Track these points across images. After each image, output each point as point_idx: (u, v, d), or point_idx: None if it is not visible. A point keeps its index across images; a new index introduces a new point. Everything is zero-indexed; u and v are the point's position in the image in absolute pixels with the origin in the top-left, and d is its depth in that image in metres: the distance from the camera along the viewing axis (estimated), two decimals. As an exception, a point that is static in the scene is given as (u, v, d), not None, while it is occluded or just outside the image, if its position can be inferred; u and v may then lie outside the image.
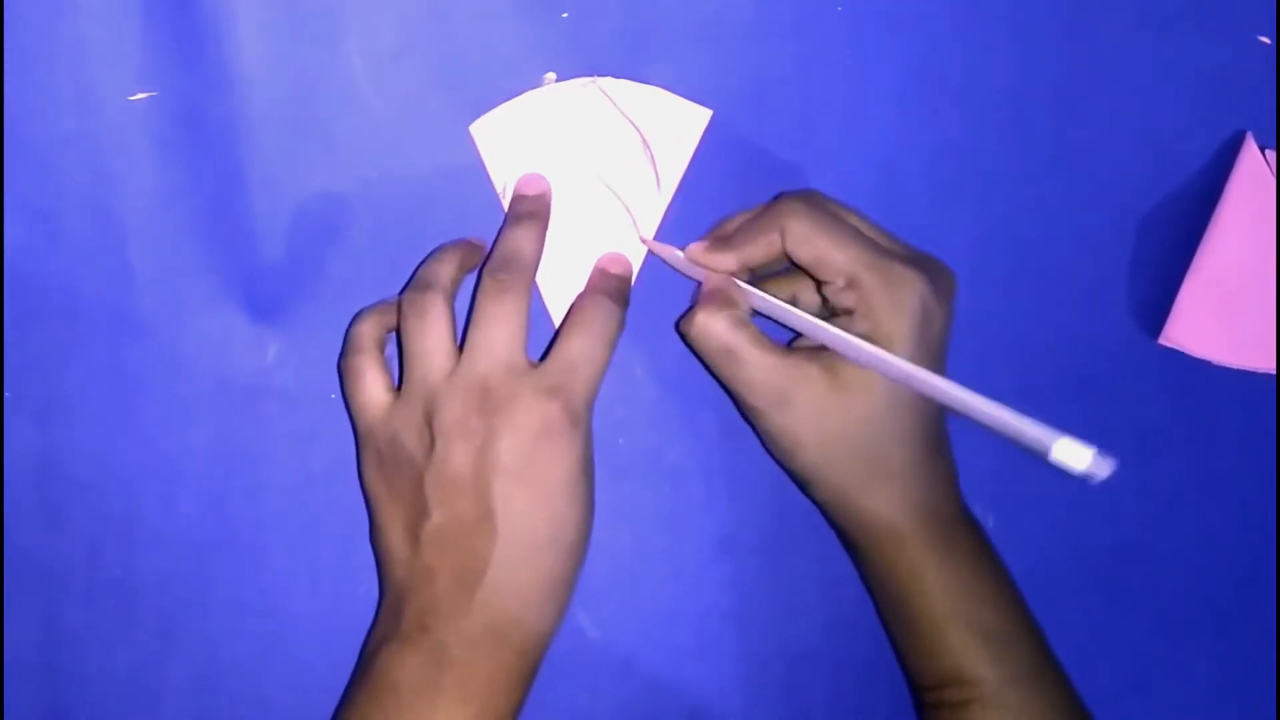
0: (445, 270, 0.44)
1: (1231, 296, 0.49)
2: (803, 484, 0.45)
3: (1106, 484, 0.50)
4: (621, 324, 0.44)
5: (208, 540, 0.47)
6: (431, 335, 0.42)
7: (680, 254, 0.45)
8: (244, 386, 0.46)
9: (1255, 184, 0.49)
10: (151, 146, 0.45)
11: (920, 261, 0.43)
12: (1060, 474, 0.50)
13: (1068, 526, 0.50)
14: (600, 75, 0.46)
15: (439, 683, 0.40)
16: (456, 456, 0.41)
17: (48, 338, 0.46)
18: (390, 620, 0.42)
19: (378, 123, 0.46)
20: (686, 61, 0.47)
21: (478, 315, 0.42)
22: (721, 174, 0.47)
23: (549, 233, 0.45)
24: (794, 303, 0.44)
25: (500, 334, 0.42)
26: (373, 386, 0.43)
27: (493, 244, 0.45)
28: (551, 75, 0.46)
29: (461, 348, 0.42)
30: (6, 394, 0.46)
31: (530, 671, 0.42)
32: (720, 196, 0.47)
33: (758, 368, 0.42)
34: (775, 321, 0.44)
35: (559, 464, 0.41)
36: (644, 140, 0.46)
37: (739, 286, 0.44)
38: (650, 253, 0.47)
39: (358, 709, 0.41)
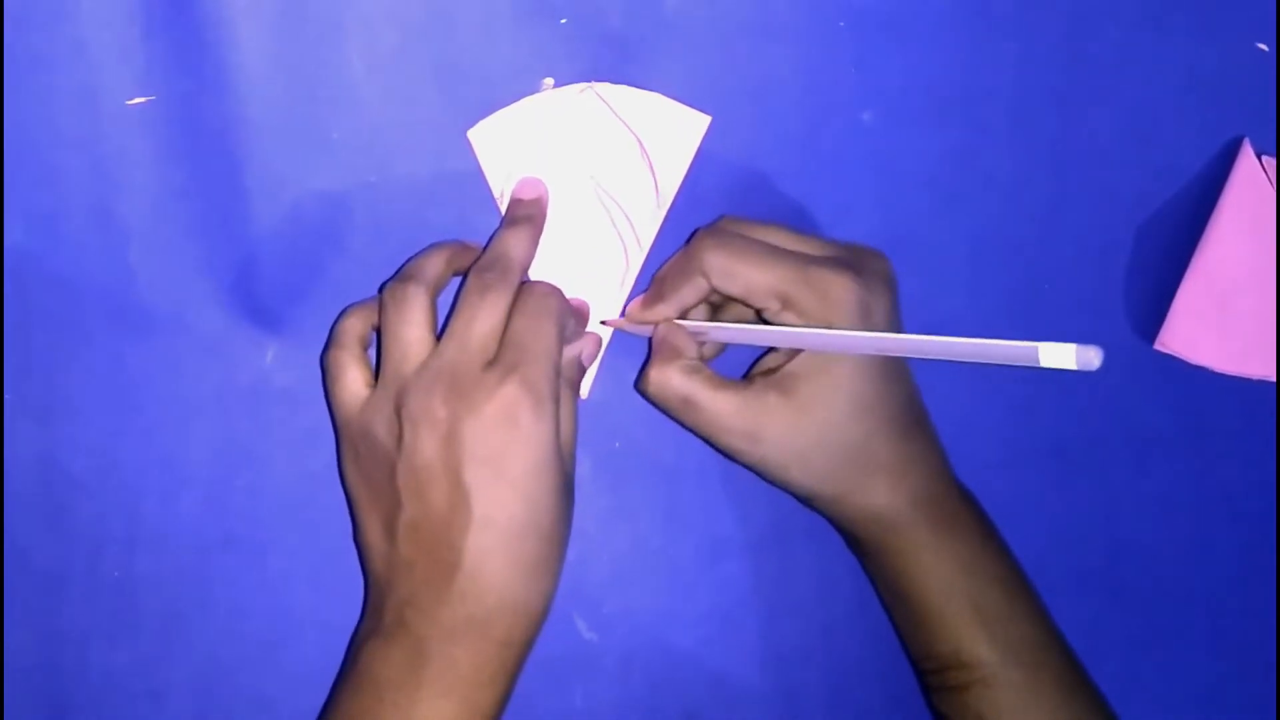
0: (432, 265, 0.44)
1: (1228, 302, 0.49)
2: (800, 500, 0.45)
3: (1103, 489, 0.50)
4: (564, 302, 0.43)
5: (208, 540, 0.47)
6: (409, 326, 0.42)
7: (621, 321, 0.46)
8: (243, 387, 0.47)
9: (1252, 190, 0.49)
10: (152, 148, 0.45)
11: (846, 259, 0.43)
12: (1060, 475, 0.50)
13: (1065, 531, 0.50)
14: (599, 81, 0.46)
15: (419, 677, 0.40)
16: (425, 446, 0.40)
17: (48, 338, 0.46)
18: (372, 615, 0.42)
19: (377, 125, 0.46)
20: (685, 67, 0.47)
21: (458, 310, 0.42)
22: (721, 180, 0.48)
23: (545, 238, 0.46)
24: (758, 318, 0.44)
25: (476, 328, 0.41)
26: (352, 381, 0.43)
27: (486, 245, 0.45)
28: (550, 80, 0.46)
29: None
30: (7, 394, 0.46)
31: (515, 663, 0.42)
32: (720, 204, 0.47)
33: (719, 411, 0.43)
34: (739, 344, 0.45)
35: (527, 446, 0.40)
36: (642, 147, 0.46)
37: (685, 331, 0.44)
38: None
39: (342, 705, 0.41)
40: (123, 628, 0.47)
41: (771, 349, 0.45)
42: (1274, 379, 0.49)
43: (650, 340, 0.45)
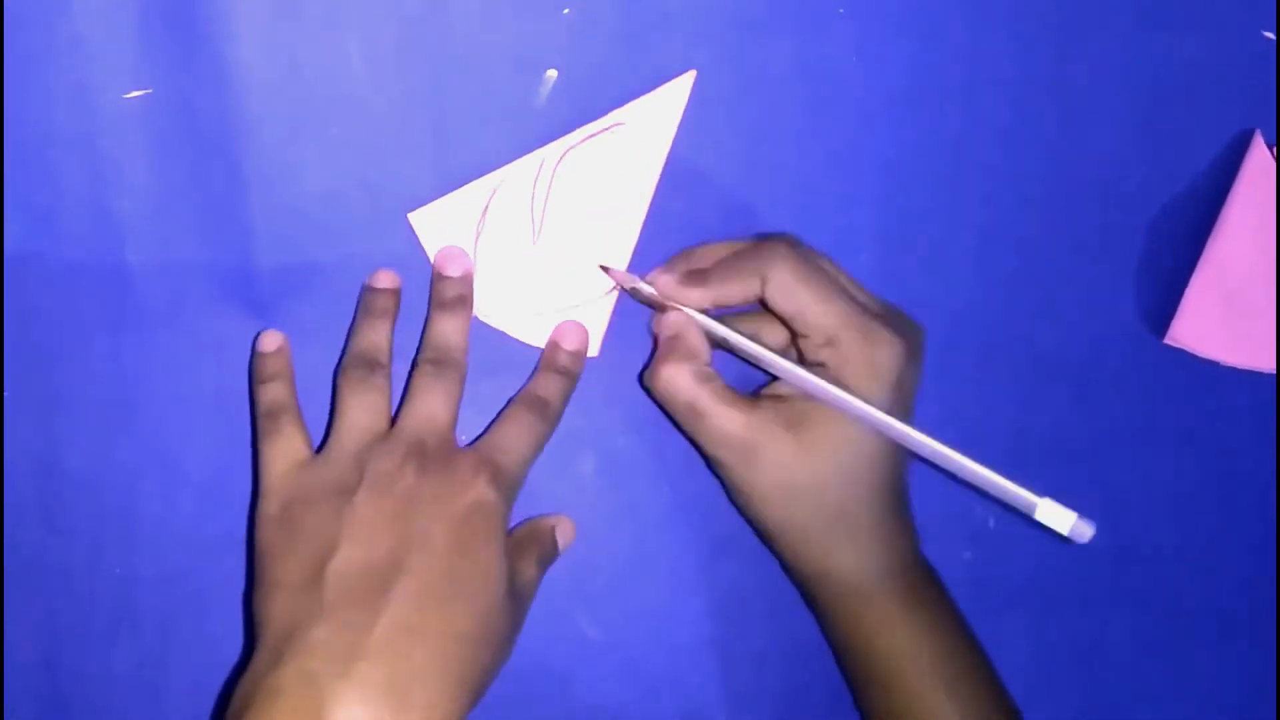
0: (385, 338, 0.44)
1: (1238, 296, 0.49)
2: (765, 537, 0.45)
3: (1113, 484, 0.50)
4: (554, 424, 0.45)
5: (207, 539, 0.47)
6: (371, 410, 0.42)
7: (645, 286, 0.44)
8: (242, 386, 0.46)
9: (1263, 182, 0.48)
10: (150, 145, 0.45)
11: (895, 322, 0.43)
12: (1069, 470, 0.50)
13: (1071, 527, 0.50)
14: (597, 78, 0.46)
15: None
16: (382, 499, 0.40)
17: (47, 337, 0.46)
18: (265, 671, 0.37)
19: (376, 121, 0.46)
20: (686, 57, 0.46)
21: (414, 393, 0.43)
22: (720, 170, 0.47)
23: (518, 285, 0.46)
24: (755, 338, 0.43)
25: (437, 407, 0.42)
26: (294, 443, 0.43)
27: (424, 328, 0.45)
28: (553, 73, 0.46)
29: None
30: (6, 393, 0.46)
31: None
32: (718, 195, 0.47)
33: (724, 425, 0.42)
34: (739, 357, 0.44)
35: (484, 544, 0.40)
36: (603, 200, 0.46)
37: (700, 327, 0.43)
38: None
39: None
40: (121, 626, 0.47)
41: None
42: (1282, 373, 0.49)
43: (658, 324, 0.44)
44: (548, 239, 0.46)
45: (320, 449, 0.43)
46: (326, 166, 0.46)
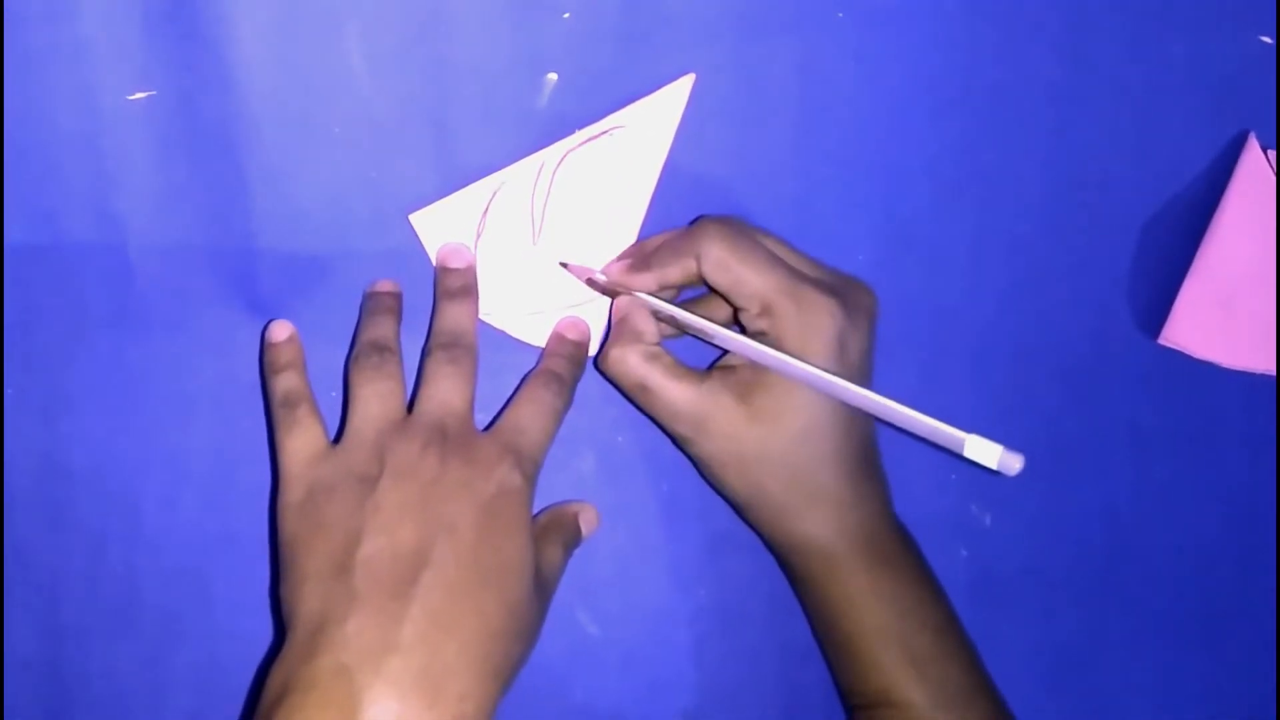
0: (392, 330, 0.45)
1: (1232, 297, 0.49)
2: (737, 508, 0.45)
3: (1106, 485, 0.50)
4: (568, 401, 0.45)
5: (209, 537, 0.47)
6: (387, 397, 0.43)
7: (600, 276, 0.46)
8: (244, 384, 0.46)
9: (1257, 184, 0.48)
10: (153, 146, 0.45)
11: (836, 286, 0.43)
12: (1062, 471, 0.50)
13: (1065, 526, 0.50)
14: (597, 81, 0.46)
15: None
16: (405, 487, 0.40)
17: (49, 336, 0.46)
18: (294, 663, 0.37)
19: (377, 121, 0.46)
20: (685, 60, 0.47)
21: (429, 379, 0.43)
22: (717, 172, 0.47)
23: (518, 285, 0.46)
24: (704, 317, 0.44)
25: (454, 391, 0.43)
26: (312, 435, 0.43)
27: (432, 319, 0.45)
28: (553, 76, 0.46)
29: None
30: (8, 391, 0.46)
31: None
32: (715, 196, 0.47)
33: (673, 399, 0.43)
34: (696, 337, 0.44)
35: (511, 530, 0.40)
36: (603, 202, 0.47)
37: (649, 309, 0.44)
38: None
39: None
40: (123, 624, 0.47)
41: None
42: (1277, 374, 0.49)
43: (610, 311, 0.46)
44: (548, 240, 0.47)
45: (337, 439, 0.43)
46: (328, 168, 0.46)
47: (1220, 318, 0.49)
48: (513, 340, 0.47)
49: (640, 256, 0.45)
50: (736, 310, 0.44)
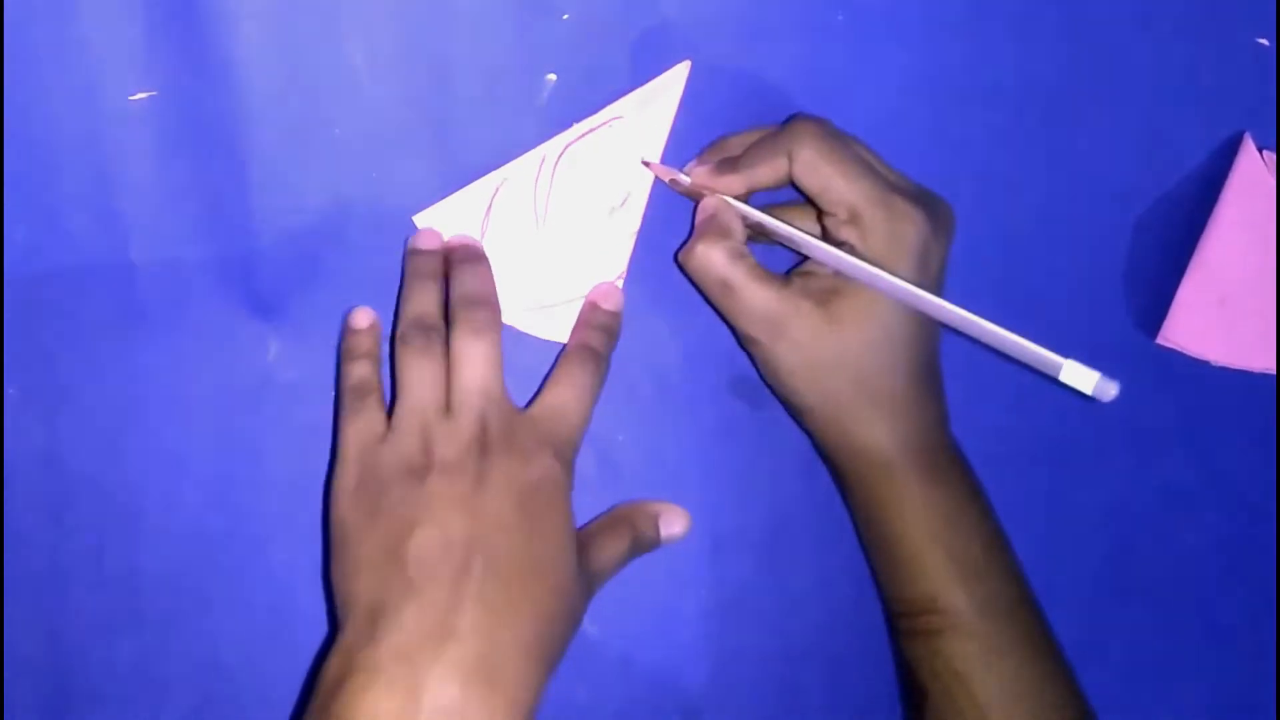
0: (434, 305, 0.44)
1: (1229, 296, 0.49)
2: (796, 413, 0.46)
3: (1105, 484, 0.51)
4: (603, 376, 0.45)
5: (210, 535, 0.47)
6: (431, 384, 0.43)
7: (684, 177, 0.45)
8: (246, 383, 0.47)
9: (1253, 184, 0.49)
10: (155, 147, 0.45)
11: (922, 198, 0.43)
12: (1061, 470, 0.50)
13: (1067, 526, 0.50)
14: (597, 82, 0.46)
15: None
16: (452, 483, 0.40)
17: (50, 336, 0.46)
18: (353, 650, 0.38)
19: (379, 121, 0.46)
20: (685, 62, 0.47)
21: (459, 359, 0.43)
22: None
23: (525, 279, 0.47)
24: (787, 224, 0.44)
25: (487, 374, 0.42)
26: (373, 423, 0.43)
27: (449, 289, 0.45)
28: (552, 76, 0.46)
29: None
30: (9, 389, 0.46)
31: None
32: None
33: (754, 300, 0.43)
34: (775, 243, 0.44)
35: (553, 517, 0.41)
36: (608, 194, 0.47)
37: (736, 210, 0.44)
38: (634, 253, 0.47)
39: None
40: (124, 622, 0.47)
41: None
42: (1276, 373, 0.49)
43: (694, 208, 0.45)
44: (552, 233, 0.47)
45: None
46: (329, 168, 0.46)
47: (1218, 317, 0.49)
48: (522, 335, 0.47)
49: (725, 157, 0.45)
50: (821, 215, 0.44)
